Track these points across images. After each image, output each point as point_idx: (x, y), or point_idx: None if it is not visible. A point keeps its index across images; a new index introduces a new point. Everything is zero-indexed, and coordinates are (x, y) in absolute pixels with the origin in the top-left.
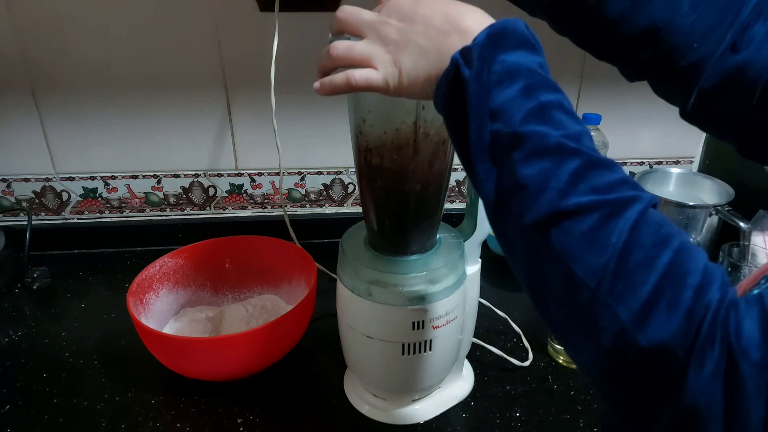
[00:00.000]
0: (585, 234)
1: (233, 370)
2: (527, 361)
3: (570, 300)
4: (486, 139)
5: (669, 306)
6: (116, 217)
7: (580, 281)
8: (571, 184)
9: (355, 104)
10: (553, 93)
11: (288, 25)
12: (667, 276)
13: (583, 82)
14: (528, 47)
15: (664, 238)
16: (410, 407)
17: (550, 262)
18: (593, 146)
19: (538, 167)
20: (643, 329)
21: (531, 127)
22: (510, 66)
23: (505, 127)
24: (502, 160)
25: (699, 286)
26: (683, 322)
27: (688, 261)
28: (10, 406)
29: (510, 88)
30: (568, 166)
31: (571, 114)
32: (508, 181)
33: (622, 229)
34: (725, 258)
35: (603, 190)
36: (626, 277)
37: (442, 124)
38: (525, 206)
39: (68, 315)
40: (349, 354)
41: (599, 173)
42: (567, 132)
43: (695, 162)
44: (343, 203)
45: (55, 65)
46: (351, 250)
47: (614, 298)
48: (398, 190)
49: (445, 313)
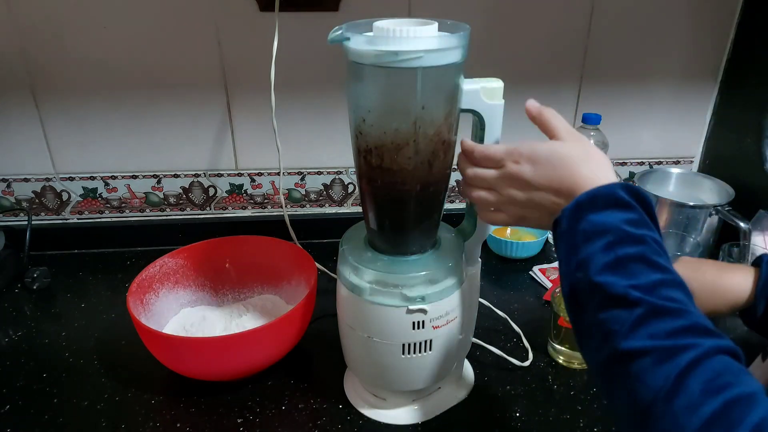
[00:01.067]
0: (637, 374)
1: (233, 370)
2: (527, 361)
3: (634, 426)
4: (570, 286)
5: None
6: (116, 217)
7: (636, 415)
8: (631, 330)
9: (354, 104)
10: (636, 246)
11: (288, 25)
12: (710, 425)
13: (583, 82)
14: (619, 206)
15: (718, 387)
16: (410, 407)
17: (617, 391)
18: (674, 295)
19: (609, 314)
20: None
21: (604, 278)
22: (597, 225)
23: (584, 276)
24: (583, 304)
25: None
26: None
27: (740, 414)
28: (10, 406)
29: (595, 243)
30: (633, 314)
31: (653, 264)
32: (588, 321)
33: (668, 375)
34: (725, 258)
35: (659, 337)
36: (672, 419)
37: (441, 125)
38: (597, 346)
39: (68, 315)
40: (349, 354)
41: (661, 320)
42: (637, 282)
43: (695, 162)
44: (343, 203)
45: (55, 65)
46: (351, 250)
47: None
48: (398, 190)
49: (445, 314)
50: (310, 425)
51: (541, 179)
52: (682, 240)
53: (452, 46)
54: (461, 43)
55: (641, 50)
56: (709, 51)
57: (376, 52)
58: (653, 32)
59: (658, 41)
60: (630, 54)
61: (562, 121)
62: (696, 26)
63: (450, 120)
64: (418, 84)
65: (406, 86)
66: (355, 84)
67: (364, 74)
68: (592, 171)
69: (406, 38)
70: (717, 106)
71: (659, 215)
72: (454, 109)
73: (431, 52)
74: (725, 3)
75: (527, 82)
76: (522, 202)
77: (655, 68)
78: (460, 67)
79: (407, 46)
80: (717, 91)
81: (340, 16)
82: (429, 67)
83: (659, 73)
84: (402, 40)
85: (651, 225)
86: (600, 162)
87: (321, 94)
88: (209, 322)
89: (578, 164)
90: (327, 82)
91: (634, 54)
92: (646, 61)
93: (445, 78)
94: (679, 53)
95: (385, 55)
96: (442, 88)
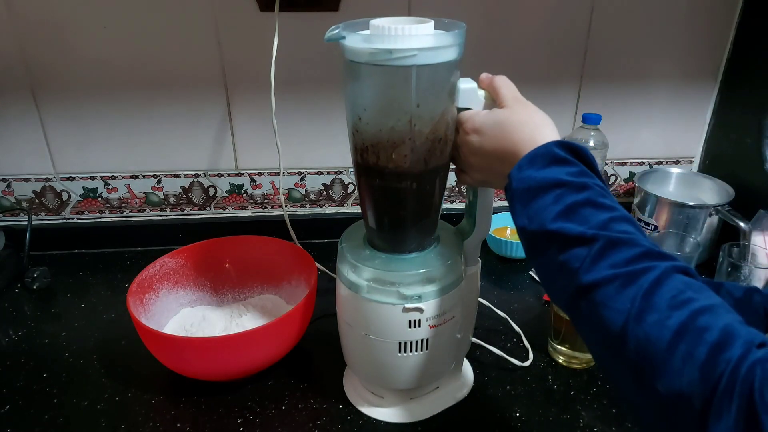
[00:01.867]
0: (604, 302)
1: (233, 370)
2: (527, 361)
3: (606, 352)
4: (527, 240)
5: (684, 360)
6: (116, 217)
7: (609, 340)
8: (592, 263)
9: (351, 102)
10: (581, 192)
11: (288, 25)
12: (681, 333)
13: (583, 82)
14: (557, 162)
15: (682, 301)
16: (408, 405)
17: (586, 325)
18: (625, 228)
19: (569, 254)
20: (660, 378)
21: (558, 224)
22: (541, 181)
23: (540, 227)
24: (543, 251)
25: (716, 343)
26: (698, 375)
27: (708, 321)
28: (10, 406)
29: (544, 198)
30: (592, 249)
31: (600, 206)
32: (551, 267)
33: (635, 297)
34: (725, 258)
35: (620, 265)
36: (644, 335)
37: (437, 123)
38: (563, 286)
39: (68, 315)
40: (348, 352)
41: (618, 251)
42: (589, 223)
43: (695, 162)
44: (343, 203)
45: (55, 65)
46: (350, 248)
47: (637, 353)
48: (395, 188)
49: (442, 312)
50: (310, 425)
51: (487, 148)
52: (682, 240)
53: (447, 44)
54: (457, 41)
55: (641, 50)
56: (709, 51)
57: (371, 50)
58: (653, 32)
59: (658, 41)
60: (630, 54)
61: (510, 89)
62: (696, 26)
63: (446, 118)
64: (413, 82)
65: (401, 84)
66: (352, 82)
67: (359, 72)
68: (530, 134)
69: (401, 36)
70: (717, 106)
71: (659, 215)
72: (450, 107)
73: (426, 50)
74: (725, 3)
75: (527, 82)
76: (479, 167)
77: (655, 68)
78: (455, 65)
79: (402, 44)
80: (717, 91)
81: (340, 16)
82: (424, 65)
83: (659, 73)
84: (397, 38)
85: (591, 174)
86: (538, 124)
87: (321, 94)
88: (209, 322)
89: (517, 129)
90: (327, 82)
91: (634, 54)
92: (646, 61)
93: (441, 76)
94: (679, 53)
95: (380, 53)
96: (438, 86)
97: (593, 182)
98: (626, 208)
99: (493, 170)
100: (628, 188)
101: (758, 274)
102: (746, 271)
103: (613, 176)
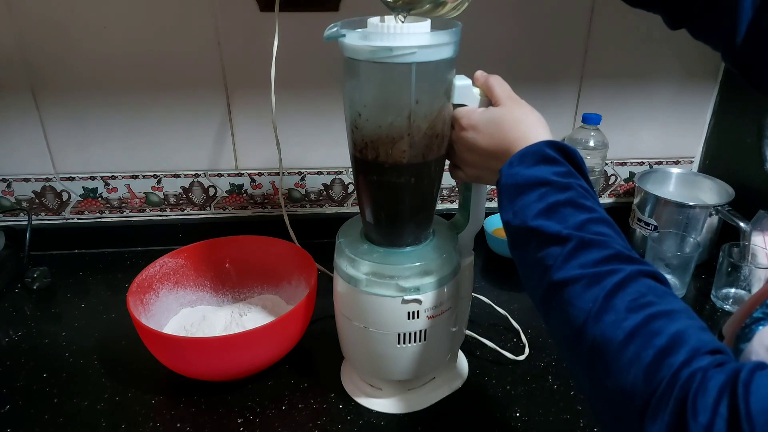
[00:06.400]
0: (570, 301)
1: (234, 369)
2: (522, 355)
3: (567, 348)
4: (511, 234)
5: (631, 360)
6: (116, 217)
7: (570, 337)
8: (564, 262)
9: (350, 100)
10: (564, 193)
11: (288, 25)
12: (633, 336)
13: (583, 82)
14: (546, 161)
15: (641, 305)
16: (405, 396)
17: (553, 321)
18: (601, 229)
19: (545, 252)
20: (609, 375)
21: (539, 222)
22: (528, 178)
23: (522, 223)
24: (524, 247)
25: (664, 348)
26: (642, 376)
27: (660, 325)
28: (10, 406)
29: (529, 195)
30: (565, 249)
31: (581, 207)
32: (529, 262)
33: (597, 297)
34: (725, 258)
35: (588, 266)
36: (600, 334)
37: (434, 119)
38: (537, 281)
39: (68, 315)
40: (346, 345)
41: (589, 252)
42: (567, 223)
43: (695, 162)
44: (343, 203)
45: (55, 65)
46: (347, 243)
47: (592, 350)
48: (393, 183)
49: (440, 304)
50: (310, 425)
51: (481, 144)
52: (682, 240)
53: (445, 42)
54: (453, 39)
55: (641, 50)
56: (709, 51)
57: (370, 48)
58: (653, 32)
59: (658, 41)
60: (630, 54)
61: (505, 88)
62: None
63: (443, 114)
64: (412, 79)
65: (400, 81)
66: (351, 80)
67: (359, 70)
68: (523, 132)
69: (400, 34)
70: (717, 106)
71: (659, 215)
72: (447, 103)
73: (424, 48)
74: None
75: (527, 82)
76: (473, 163)
77: (655, 68)
78: (452, 63)
79: (401, 42)
80: (717, 91)
81: (340, 16)
82: (422, 63)
83: (659, 73)
84: (396, 36)
85: (577, 175)
86: (531, 123)
87: (321, 94)
88: (209, 322)
89: (511, 128)
90: (327, 82)
91: (634, 54)
92: (646, 61)
93: (438, 73)
94: (679, 53)
95: (380, 50)
96: (435, 83)
97: (578, 183)
98: (626, 208)
99: (487, 166)
100: (628, 188)
101: (758, 274)
102: (746, 271)
103: (613, 176)
